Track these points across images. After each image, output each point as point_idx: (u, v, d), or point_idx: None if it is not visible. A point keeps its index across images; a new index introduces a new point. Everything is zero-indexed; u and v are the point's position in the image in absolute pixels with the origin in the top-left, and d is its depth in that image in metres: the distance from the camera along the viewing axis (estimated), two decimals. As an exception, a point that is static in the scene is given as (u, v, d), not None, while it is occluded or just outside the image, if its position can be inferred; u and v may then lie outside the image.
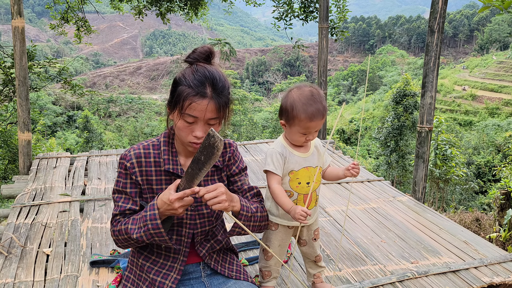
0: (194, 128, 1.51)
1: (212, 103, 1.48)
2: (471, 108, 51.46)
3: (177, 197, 1.42)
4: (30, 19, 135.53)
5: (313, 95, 1.84)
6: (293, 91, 1.88)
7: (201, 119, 1.50)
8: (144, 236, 1.51)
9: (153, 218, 1.48)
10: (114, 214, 1.65)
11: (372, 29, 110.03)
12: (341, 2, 7.76)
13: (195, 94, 1.47)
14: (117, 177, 1.67)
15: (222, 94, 1.52)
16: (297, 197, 1.96)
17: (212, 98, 1.49)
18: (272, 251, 2.08)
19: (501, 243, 5.04)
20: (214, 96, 1.49)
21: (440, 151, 13.83)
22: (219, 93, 1.50)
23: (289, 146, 1.95)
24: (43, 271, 2.42)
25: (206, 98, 1.48)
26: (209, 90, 1.49)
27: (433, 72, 3.79)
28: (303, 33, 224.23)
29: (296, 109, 1.82)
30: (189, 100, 1.47)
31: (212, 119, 1.52)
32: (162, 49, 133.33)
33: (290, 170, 1.93)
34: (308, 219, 2.04)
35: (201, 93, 1.47)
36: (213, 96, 1.49)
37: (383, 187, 3.96)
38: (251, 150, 5.06)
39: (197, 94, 1.47)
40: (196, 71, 1.51)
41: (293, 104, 1.84)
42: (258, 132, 30.55)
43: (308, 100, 1.82)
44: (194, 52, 1.59)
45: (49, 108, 45.97)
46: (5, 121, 7.88)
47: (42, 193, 3.60)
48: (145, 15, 8.87)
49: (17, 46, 4.27)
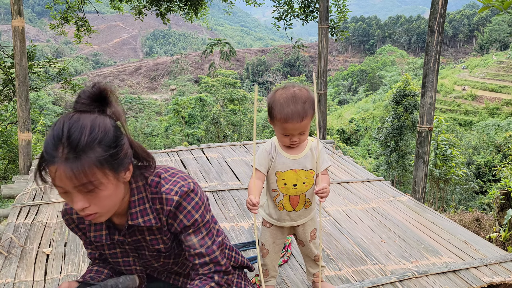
0: (71, 199, 1.20)
1: (62, 168, 1.12)
2: (471, 108, 51.43)
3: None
4: (30, 19, 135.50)
5: (294, 96, 1.78)
6: (278, 91, 1.85)
7: (69, 188, 1.16)
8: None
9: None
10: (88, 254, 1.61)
11: (372, 29, 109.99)
12: (341, 2, 7.75)
13: (45, 160, 1.15)
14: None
15: (83, 151, 1.12)
16: (283, 197, 1.96)
17: (66, 162, 1.11)
18: (266, 246, 2.09)
19: (501, 243, 5.03)
20: (70, 158, 1.11)
21: (440, 151, 13.82)
22: (78, 151, 1.12)
23: (279, 146, 1.93)
24: (43, 271, 2.42)
25: (55, 163, 1.12)
26: (60, 152, 1.12)
27: (433, 72, 3.79)
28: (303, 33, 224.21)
29: (275, 109, 1.80)
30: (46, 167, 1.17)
31: (79, 186, 1.15)
32: (162, 49, 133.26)
33: (277, 170, 1.92)
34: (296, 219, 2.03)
35: (50, 159, 1.13)
36: (67, 158, 1.11)
37: (383, 187, 3.96)
38: (251, 150, 5.06)
39: (47, 160, 1.14)
40: (52, 128, 1.16)
41: (273, 104, 1.82)
42: (258, 132, 30.52)
43: (286, 101, 1.78)
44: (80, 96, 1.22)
45: (49, 108, 45.90)
46: (5, 121, 7.88)
47: (42, 193, 3.60)
48: (145, 15, 8.86)
49: (17, 46, 4.27)
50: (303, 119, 1.77)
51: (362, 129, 45.34)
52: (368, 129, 43.47)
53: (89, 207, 1.20)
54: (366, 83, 76.67)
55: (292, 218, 2.01)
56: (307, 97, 1.80)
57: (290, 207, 1.98)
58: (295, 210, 1.99)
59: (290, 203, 1.96)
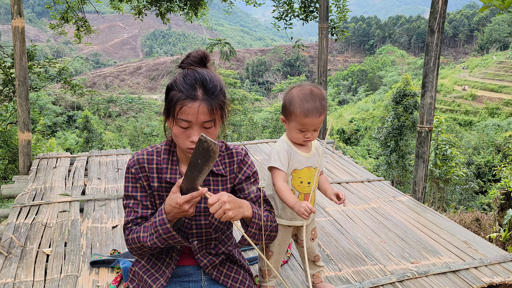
0: (190, 133, 1.48)
1: (203, 105, 1.45)
2: (471, 108, 51.44)
3: (185, 200, 1.41)
4: (30, 19, 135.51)
5: (312, 93, 1.87)
6: (294, 88, 1.92)
7: (195, 123, 1.46)
8: (157, 241, 1.50)
9: (162, 223, 1.47)
10: (125, 221, 1.63)
11: (372, 29, 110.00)
12: (341, 2, 7.75)
13: (185, 98, 1.44)
14: (125, 182, 1.66)
15: (214, 95, 1.47)
16: (298, 196, 1.97)
17: (204, 100, 1.45)
18: (272, 249, 2.08)
19: (501, 243, 5.03)
20: (206, 98, 1.45)
21: (440, 151, 13.83)
22: (210, 94, 1.46)
23: (292, 145, 1.97)
24: (43, 271, 2.42)
25: (197, 100, 1.44)
26: (199, 92, 1.45)
27: (433, 72, 3.79)
28: (303, 33, 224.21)
29: (294, 104, 1.86)
30: (180, 104, 1.45)
31: (206, 122, 1.48)
32: (162, 49, 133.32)
33: (294, 168, 1.94)
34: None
35: (192, 96, 1.44)
36: (204, 97, 1.45)
37: (383, 187, 3.96)
38: (251, 150, 5.06)
39: (187, 97, 1.44)
40: (186, 75, 1.49)
41: (291, 100, 1.88)
42: (258, 132, 30.52)
43: (306, 96, 1.86)
44: (188, 57, 1.57)
45: (49, 108, 45.95)
46: (5, 121, 7.88)
47: (42, 193, 3.60)
48: (145, 15, 8.87)
49: (17, 46, 4.27)
50: (321, 115, 1.86)
51: (362, 129, 45.36)
52: (368, 129, 43.49)
53: None
54: (366, 83, 76.70)
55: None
56: (323, 95, 1.90)
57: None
58: None
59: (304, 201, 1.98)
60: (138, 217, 1.61)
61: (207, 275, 1.75)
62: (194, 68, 1.52)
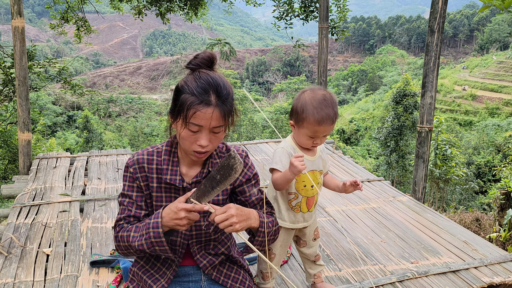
0: (198, 137, 1.48)
1: (217, 111, 1.44)
2: (471, 108, 51.43)
3: (184, 207, 1.39)
4: (30, 19, 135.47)
5: (325, 100, 1.82)
6: (306, 93, 1.87)
7: (206, 128, 1.46)
8: (145, 244, 1.47)
9: (155, 226, 1.45)
10: (118, 218, 1.63)
11: (372, 29, 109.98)
12: (341, 2, 7.75)
13: (199, 103, 1.43)
14: (123, 181, 1.65)
15: (227, 101, 1.48)
16: (301, 199, 1.96)
17: (217, 106, 1.45)
18: (274, 251, 2.08)
19: (501, 243, 5.03)
20: (219, 104, 1.45)
21: (440, 151, 13.81)
22: (223, 100, 1.46)
23: (297, 147, 1.95)
24: (43, 271, 2.42)
25: (211, 106, 1.43)
26: (213, 97, 1.45)
27: (433, 72, 3.79)
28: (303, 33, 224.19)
29: (306, 111, 1.81)
30: (194, 108, 1.43)
31: (216, 127, 1.48)
32: (162, 49, 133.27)
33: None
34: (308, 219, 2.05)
35: (206, 101, 1.43)
36: (217, 104, 1.45)
37: (383, 187, 3.96)
38: (251, 150, 5.06)
39: (201, 103, 1.43)
40: (199, 78, 1.47)
41: (304, 106, 1.82)
42: (258, 132, 30.50)
43: (319, 104, 1.80)
44: (196, 58, 1.54)
45: (49, 108, 45.93)
46: (5, 121, 7.88)
47: (42, 193, 3.60)
48: (145, 15, 8.87)
49: (17, 46, 4.27)
50: (333, 122, 1.82)
51: (362, 129, 45.35)
52: (368, 129, 43.47)
53: (208, 146, 1.50)
54: (366, 83, 76.68)
55: (305, 218, 2.03)
56: (335, 101, 1.86)
57: (306, 208, 1.99)
58: (309, 211, 2.02)
59: (306, 205, 1.98)
60: (131, 215, 1.61)
61: (207, 275, 1.75)
62: (206, 71, 1.50)
